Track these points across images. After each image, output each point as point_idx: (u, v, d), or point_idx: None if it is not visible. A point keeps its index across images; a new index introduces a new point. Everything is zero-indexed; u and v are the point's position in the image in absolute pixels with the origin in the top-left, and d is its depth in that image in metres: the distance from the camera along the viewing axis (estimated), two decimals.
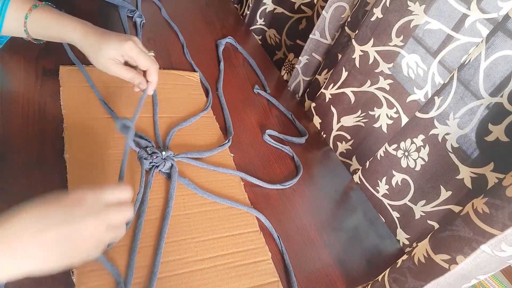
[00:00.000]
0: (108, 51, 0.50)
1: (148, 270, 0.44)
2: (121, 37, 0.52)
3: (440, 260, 0.46)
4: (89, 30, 0.51)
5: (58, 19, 0.51)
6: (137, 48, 0.52)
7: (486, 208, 0.42)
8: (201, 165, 0.57)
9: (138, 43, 0.53)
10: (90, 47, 0.51)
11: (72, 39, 0.51)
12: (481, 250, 0.41)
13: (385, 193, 0.66)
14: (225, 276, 0.47)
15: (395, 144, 0.62)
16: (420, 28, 0.58)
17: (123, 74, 0.52)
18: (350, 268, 0.56)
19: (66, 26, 0.51)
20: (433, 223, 0.59)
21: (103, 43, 0.50)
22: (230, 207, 0.54)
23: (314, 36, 0.77)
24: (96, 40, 0.51)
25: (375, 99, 0.67)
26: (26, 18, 0.50)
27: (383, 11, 0.61)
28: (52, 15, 0.51)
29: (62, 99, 0.57)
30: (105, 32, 0.52)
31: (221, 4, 1.00)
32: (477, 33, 0.52)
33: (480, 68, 0.49)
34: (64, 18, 0.52)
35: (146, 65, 0.53)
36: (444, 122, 0.55)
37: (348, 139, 0.74)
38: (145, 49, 0.54)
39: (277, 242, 0.53)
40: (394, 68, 0.64)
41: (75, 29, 0.51)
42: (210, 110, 0.68)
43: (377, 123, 0.68)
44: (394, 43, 0.61)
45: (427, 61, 0.59)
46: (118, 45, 0.51)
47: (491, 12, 0.50)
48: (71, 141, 0.52)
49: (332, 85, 0.73)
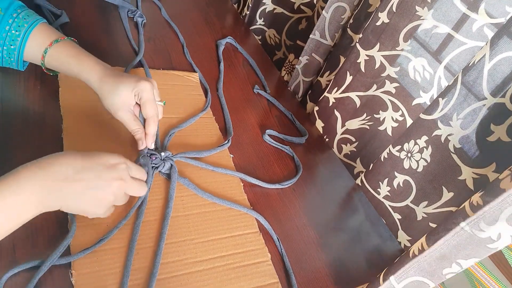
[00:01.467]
0: (123, 90, 0.49)
1: (147, 271, 0.44)
2: (139, 78, 0.51)
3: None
4: (107, 72, 0.50)
5: (77, 57, 0.50)
6: (150, 91, 0.51)
7: (480, 201, 0.41)
8: (201, 165, 0.57)
9: (154, 88, 0.52)
10: (106, 86, 0.49)
11: (88, 80, 0.50)
12: (460, 227, 0.40)
13: (386, 195, 0.65)
14: (225, 278, 0.47)
15: (399, 146, 0.61)
16: (428, 32, 0.58)
17: (129, 123, 0.51)
18: (350, 268, 0.56)
19: (84, 66, 0.50)
20: (435, 225, 0.58)
21: (120, 83, 0.49)
22: (229, 208, 0.54)
23: (314, 36, 0.77)
24: (114, 81, 0.49)
25: (381, 102, 0.67)
26: (45, 53, 0.50)
27: (390, 16, 0.61)
28: (71, 53, 0.51)
29: (61, 100, 0.57)
30: (123, 74, 0.51)
31: (221, 4, 0.99)
32: (484, 37, 0.52)
33: (484, 69, 0.49)
34: (83, 57, 0.51)
35: (149, 114, 0.51)
36: (447, 123, 0.55)
37: (353, 141, 0.74)
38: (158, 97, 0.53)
39: (277, 244, 0.53)
40: (400, 71, 0.63)
41: (93, 70, 0.50)
42: (210, 110, 0.68)
43: (382, 125, 0.68)
44: (402, 47, 0.61)
45: (434, 65, 0.59)
46: (134, 84, 0.49)
47: (499, 17, 0.50)
48: (70, 141, 0.52)
49: (336, 89, 0.73)
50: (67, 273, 0.41)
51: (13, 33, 0.50)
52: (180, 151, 0.57)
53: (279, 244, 0.53)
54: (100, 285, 0.41)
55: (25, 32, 0.50)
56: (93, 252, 0.43)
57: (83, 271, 0.42)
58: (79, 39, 0.55)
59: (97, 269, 0.42)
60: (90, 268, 0.42)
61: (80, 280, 0.41)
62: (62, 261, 0.41)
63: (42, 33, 0.51)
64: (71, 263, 0.42)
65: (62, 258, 0.41)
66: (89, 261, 0.42)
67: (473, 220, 0.39)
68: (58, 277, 0.41)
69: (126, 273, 0.43)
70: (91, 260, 0.43)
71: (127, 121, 0.51)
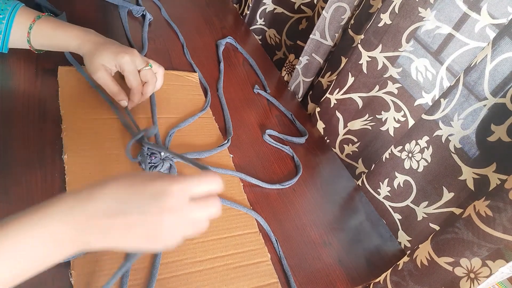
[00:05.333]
0: (102, 56, 0.50)
1: (147, 272, 0.44)
2: (120, 48, 0.52)
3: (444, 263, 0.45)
4: (91, 37, 0.52)
5: (62, 28, 0.52)
6: (130, 63, 0.52)
7: (488, 211, 0.41)
8: None
9: (136, 59, 0.53)
10: (88, 50, 0.51)
11: (73, 46, 0.51)
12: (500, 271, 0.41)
13: (387, 195, 0.65)
14: (224, 278, 0.47)
15: (400, 146, 0.61)
16: (430, 33, 0.58)
17: (107, 84, 0.52)
18: (350, 268, 0.56)
19: (69, 35, 0.51)
20: (435, 226, 0.58)
21: (100, 49, 0.51)
22: (229, 208, 0.54)
23: (314, 36, 0.76)
24: (95, 45, 0.51)
25: (383, 103, 0.67)
26: (30, 29, 0.51)
27: (392, 17, 0.61)
28: (56, 25, 0.52)
29: (61, 100, 0.56)
30: (108, 40, 0.52)
31: (221, 4, 0.99)
32: (486, 38, 0.52)
33: (486, 70, 0.49)
34: (68, 27, 0.52)
35: (132, 85, 0.53)
36: (448, 123, 0.54)
37: (355, 142, 0.74)
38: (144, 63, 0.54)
39: (275, 246, 0.53)
40: (402, 72, 0.63)
41: (77, 36, 0.51)
42: (209, 110, 0.68)
43: (384, 126, 0.68)
44: (404, 48, 0.61)
45: (436, 66, 0.59)
46: (113, 54, 0.51)
47: (501, 18, 0.50)
48: (70, 141, 0.52)
49: (338, 90, 0.72)
50: (66, 273, 0.41)
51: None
52: (179, 151, 0.57)
53: (277, 246, 0.53)
54: (99, 285, 0.41)
55: (10, 14, 0.50)
56: (92, 252, 0.43)
57: (83, 271, 0.41)
58: None
59: (96, 269, 0.42)
60: (90, 268, 0.42)
61: (80, 280, 0.41)
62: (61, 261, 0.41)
63: (23, 14, 0.51)
64: (70, 262, 0.42)
65: None
66: (89, 261, 0.42)
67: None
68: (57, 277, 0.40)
69: (125, 273, 0.43)
70: (91, 260, 0.43)
71: (105, 82, 0.52)
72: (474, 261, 0.43)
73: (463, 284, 0.44)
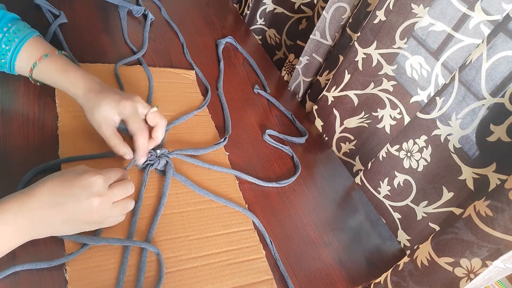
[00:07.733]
0: (104, 108, 0.48)
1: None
2: (121, 96, 0.50)
3: (444, 263, 0.45)
4: (92, 87, 0.50)
5: (64, 72, 0.51)
6: (131, 109, 0.49)
7: (488, 211, 0.41)
8: (196, 162, 0.57)
9: (138, 105, 0.50)
10: (89, 102, 0.49)
11: (74, 94, 0.50)
12: (494, 265, 0.40)
13: (387, 194, 0.65)
14: (219, 274, 0.46)
15: (397, 145, 0.61)
16: (424, 30, 0.58)
17: (108, 139, 0.49)
18: (350, 268, 0.55)
19: (69, 82, 0.50)
20: (435, 225, 0.58)
21: (102, 99, 0.49)
22: (224, 205, 0.54)
23: (314, 36, 0.76)
24: (96, 96, 0.49)
25: (379, 100, 0.67)
26: (34, 67, 0.51)
27: (386, 14, 0.61)
28: (59, 67, 0.51)
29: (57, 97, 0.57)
30: (108, 89, 0.50)
31: (221, 4, 0.99)
32: (481, 34, 0.52)
33: (482, 68, 0.49)
34: (70, 72, 0.51)
35: (133, 129, 0.49)
36: (446, 123, 0.54)
37: (352, 140, 0.73)
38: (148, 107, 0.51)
39: (270, 246, 0.52)
40: (397, 69, 0.63)
41: (78, 85, 0.50)
42: (206, 109, 0.68)
43: (381, 123, 0.67)
44: (398, 45, 0.61)
45: (431, 63, 0.58)
46: (114, 103, 0.48)
47: (495, 14, 0.50)
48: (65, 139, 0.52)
49: (335, 87, 0.72)
50: (61, 268, 0.41)
51: (3, 48, 0.50)
52: (176, 148, 0.57)
53: (271, 246, 0.52)
54: (94, 281, 0.41)
55: (16, 47, 0.50)
56: (88, 248, 0.43)
57: (78, 267, 0.41)
58: (78, 39, 0.55)
59: (91, 265, 0.42)
60: (85, 264, 0.42)
61: (74, 276, 0.41)
62: None
63: (33, 47, 0.51)
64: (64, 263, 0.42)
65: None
66: (84, 257, 0.42)
67: (506, 257, 0.40)
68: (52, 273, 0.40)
69: (122, 270, 0.43)
70: (86, 256, 0.43)
71: (107, 136, 0.49)
72: (474, 261, 0.43)
73: (463, 284, 0.44)
